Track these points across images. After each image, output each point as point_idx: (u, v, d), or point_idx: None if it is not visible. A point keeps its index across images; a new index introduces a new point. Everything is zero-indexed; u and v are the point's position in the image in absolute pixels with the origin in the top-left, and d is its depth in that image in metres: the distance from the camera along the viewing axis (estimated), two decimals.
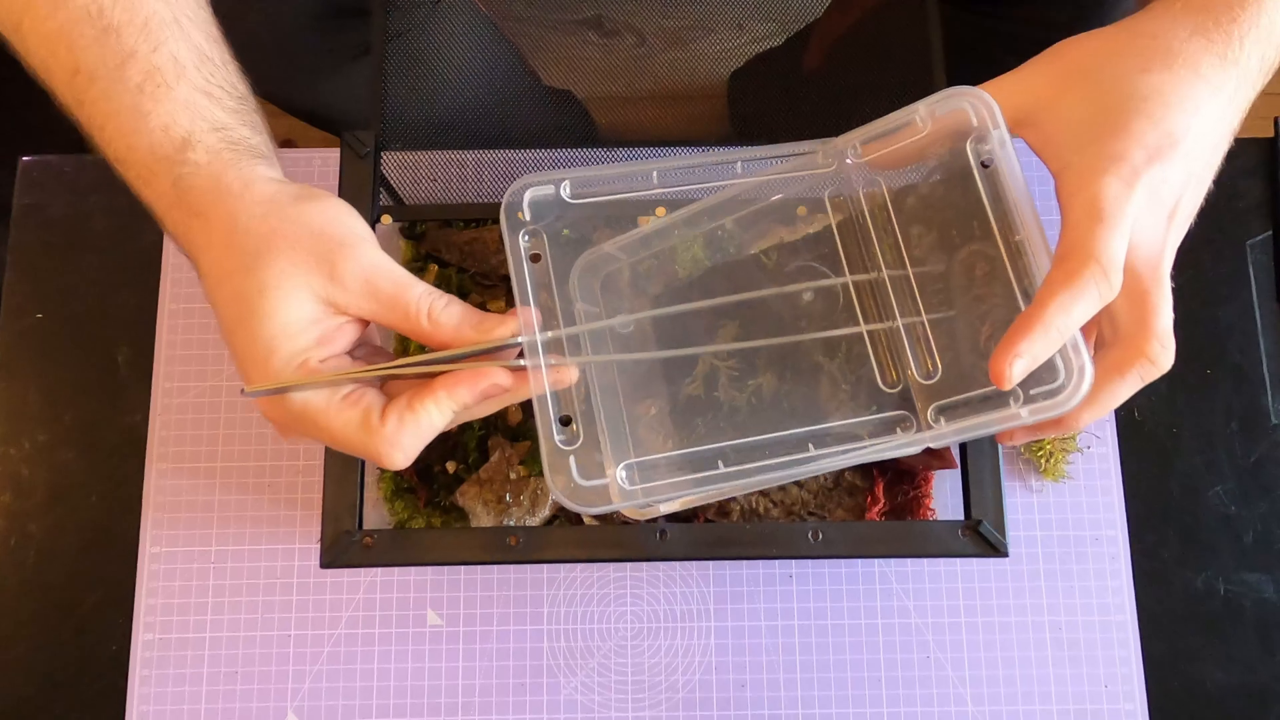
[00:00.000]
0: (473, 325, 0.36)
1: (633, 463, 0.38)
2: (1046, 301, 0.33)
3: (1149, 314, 0.35)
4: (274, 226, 0.35)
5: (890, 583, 0.55)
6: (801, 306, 0.42)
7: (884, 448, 0.37)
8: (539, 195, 0.39)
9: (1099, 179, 0.34)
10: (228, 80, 0.38)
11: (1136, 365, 0.35)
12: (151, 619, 0.55)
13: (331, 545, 0.40)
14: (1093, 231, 0.33)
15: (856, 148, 0.40)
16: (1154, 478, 0.57)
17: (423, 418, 0.35)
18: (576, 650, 0.55)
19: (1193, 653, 0.54)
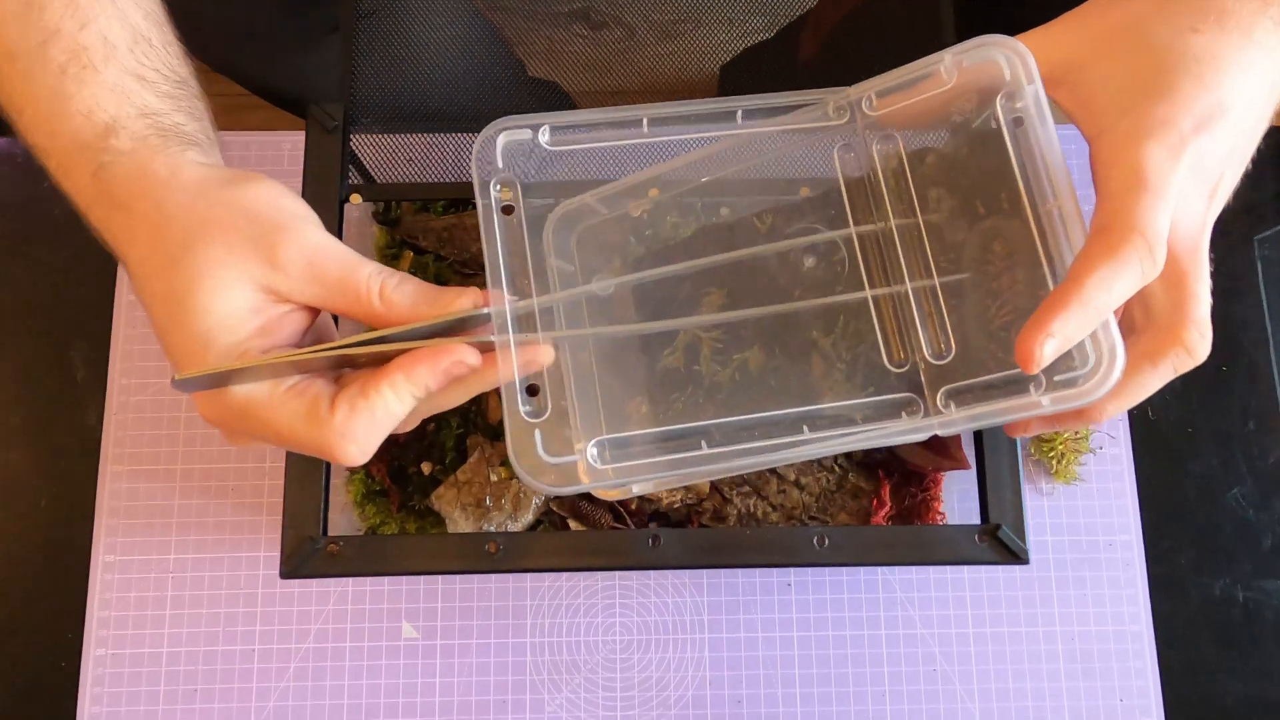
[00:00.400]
0: (429, 300, 0.33)
1: (605, 439, 0.34)
2: (1084, 276, 0.30)
3: (1187, 298, 0.32)
4: (204, 212, 0.32)
5: (894, 591, 0.52)
6: (801, 273, 0.38)
7: (887, 433, 0.34)
8: (514, 140, 0.36)
9: (1143, 145, 0.31)
10: (165, 63, 0.35)
11: (1171, 354, 0.32)
12: (104, 633, 0.51)
13: (293, 553, 0.37)
14: (1136, 201, 0.30)
15: (871, 99, 0.37)
16: (1169, 480, 0.55)
17: (377, 405, 0.31)
18: (562, 664, 0.51)
19: (1211, 664, 0.52)
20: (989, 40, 0.33)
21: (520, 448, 0.33)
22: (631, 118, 0.36)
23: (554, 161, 0.36)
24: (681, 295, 0.38)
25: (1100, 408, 0.34)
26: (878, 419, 0.35)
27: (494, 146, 0.35)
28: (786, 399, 0.37)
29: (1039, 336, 0.29)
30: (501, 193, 0.35)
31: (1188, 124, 0.31)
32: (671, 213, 0.41)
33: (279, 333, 0.33)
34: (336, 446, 0.31)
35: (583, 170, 0.38)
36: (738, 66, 0.64)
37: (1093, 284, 0.29)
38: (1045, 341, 0.29)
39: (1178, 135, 0.31)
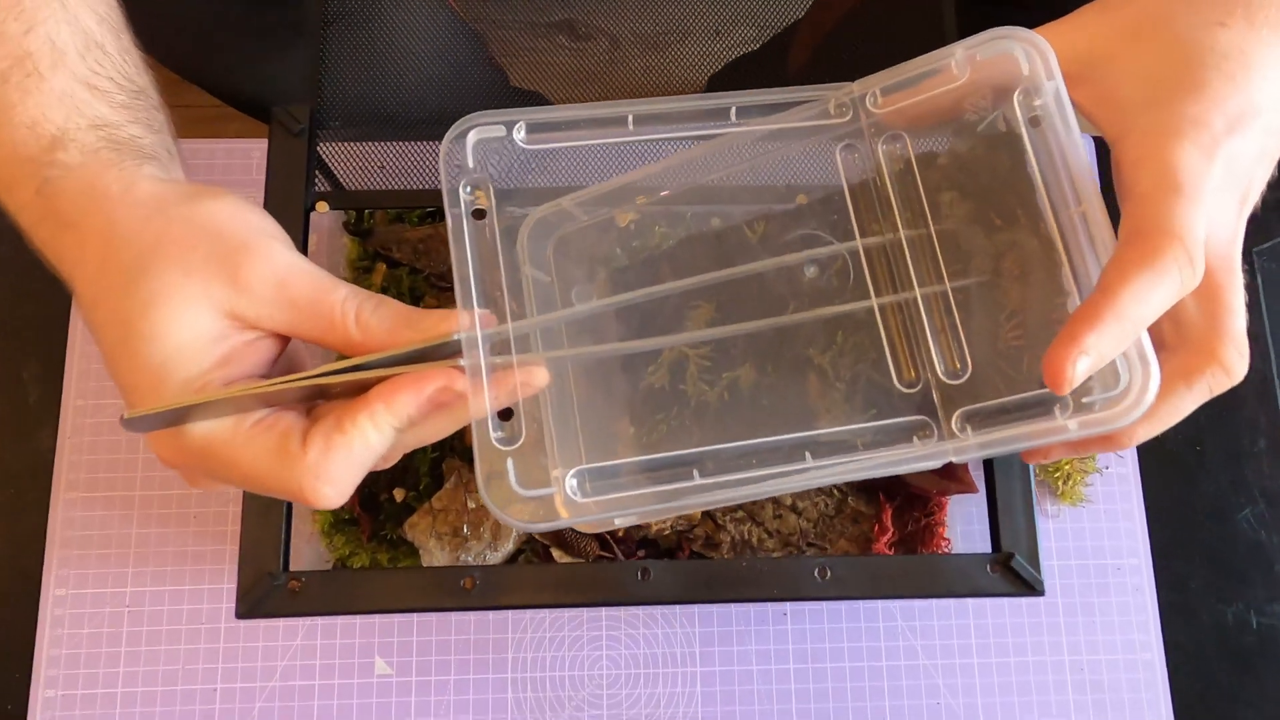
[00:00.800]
0: (410, 324, 0.30)
1: (586, 469, 0.31)
2: (1117, 286, 0.27)
3: (1222, 312, 0.30)
4: (161, 231, 0.29)
5: (895, 619, 0.50)
6: (799, 285, 0.35)
7: (897, 459, 0.31)
8: (486, 137, 0.33)
9: (1175, 144, 0.29)
10: (120, 71, 0.32)
11: (1207, 373, 0.30)
12: (54, 672, 0.48)
13: (249, 590, 0.34)
14: (1171, 205, 0.28)
15: (876, 96, 0.34)
16: (1178, 501, 0.53)
17: (355, 439, 0.28)
18: (545, 701, 0.48)
19: (1225, 691, 0.50)
20: (1005, 33, 0.31)
21: (491, 479, 0.30)
22: (616, 115, 0.33)
23: (531, 162, 0.34)
24: (668, 308, 0.35)
25: (1131, 432, 0.31)
26: (886, 444, 0.32)
27: (464, 145, 0.32)
28: (780, 421, 0.34)
29: (1070, 353, 0.27)
30: (473, 195, 0.32)
31: (1220, 124, 0.29)
32: (660, 222, 0.38)
33: (244, 362, 0.30)
34: (309, 488, 0.28)
35: (562, 171, 0.35)
36: (726, 78, 0.62)
37: (1128, 294, 0.27)
38: (1078, 359, 0.27)
39: (1210, 136, 0.29)
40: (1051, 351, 0.27)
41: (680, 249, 0.36)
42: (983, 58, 0.32)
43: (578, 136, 0.33)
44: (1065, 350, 0.27)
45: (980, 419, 0.31)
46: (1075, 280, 0.30)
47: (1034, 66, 0.31)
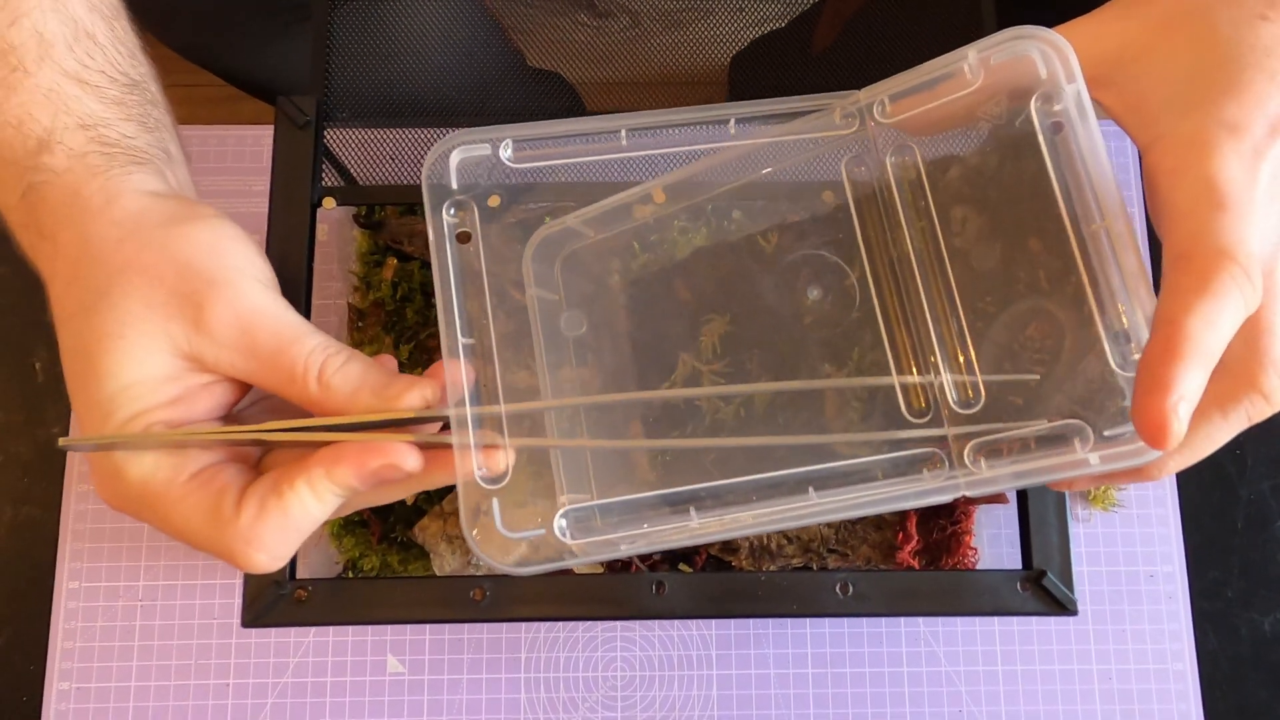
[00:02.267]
0: (375, 390, 0.28)
1: (577, 509, 0.30)
2: (1184, 318, 0.25)
3: (1262, 335, 0.27)
4: (132, 255, 0.28)
5: (917, 626, 0.49)
6: (805, 306, 0.34)
7: (906, 494, 0.29)
8: (471, 157, 0.31)
9: (1213, 154, 0.26)
10: (113, 63, 0.31)
11: (1245, 401, 0.28)
12: (68, 665, 0.48)
13: (255, 599, 0.33)
14: (1218, 222, 0.25)
15: (884, 104, 0.32)
16: (1216, 506, 0.51)
17: (293, 505, 0.27)
18: (559, 702, 0.48)
19: (1261, 707, 0.48)
20: (1021, 33, 0.29)
21: (475, 521, 0.28)
22: (608, 128, 0.32)
23: (520, 180, 0.32)
24: (681, 324, 0.34)
25: (1161, 464, 0.29)
26: (894, 476, 0.30)
27: (447, 166, 0.31)
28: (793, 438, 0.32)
29: (1168, 400, 0.25)
30: (457, 218, 0.31)
31: (1261, 128, 0.27)
32: (681, 217, 0.37)
33: (197, 405, 0.28)
34: (240, 554, 0.27)
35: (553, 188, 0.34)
36: (749, 57, 0.60)
37: (1197, 325, 0.25)
38: (1178, 405, 0.25)
39: (1251, 142, 0.26)
40: (1143, 403, 0.25)
41: (693, 261, 0.35)
42: (997, 61, 0.29)
43: (569, 154, 0.32)
44: (1161, 398, 0.25)
45: (995, 451, 0.29)
46: (1096, 303, 0.28)
47: (1052, 69, 0.28)
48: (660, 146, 0.33)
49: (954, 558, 0.43)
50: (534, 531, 0.29)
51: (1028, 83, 0.29)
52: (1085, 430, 0.27)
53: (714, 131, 0.33)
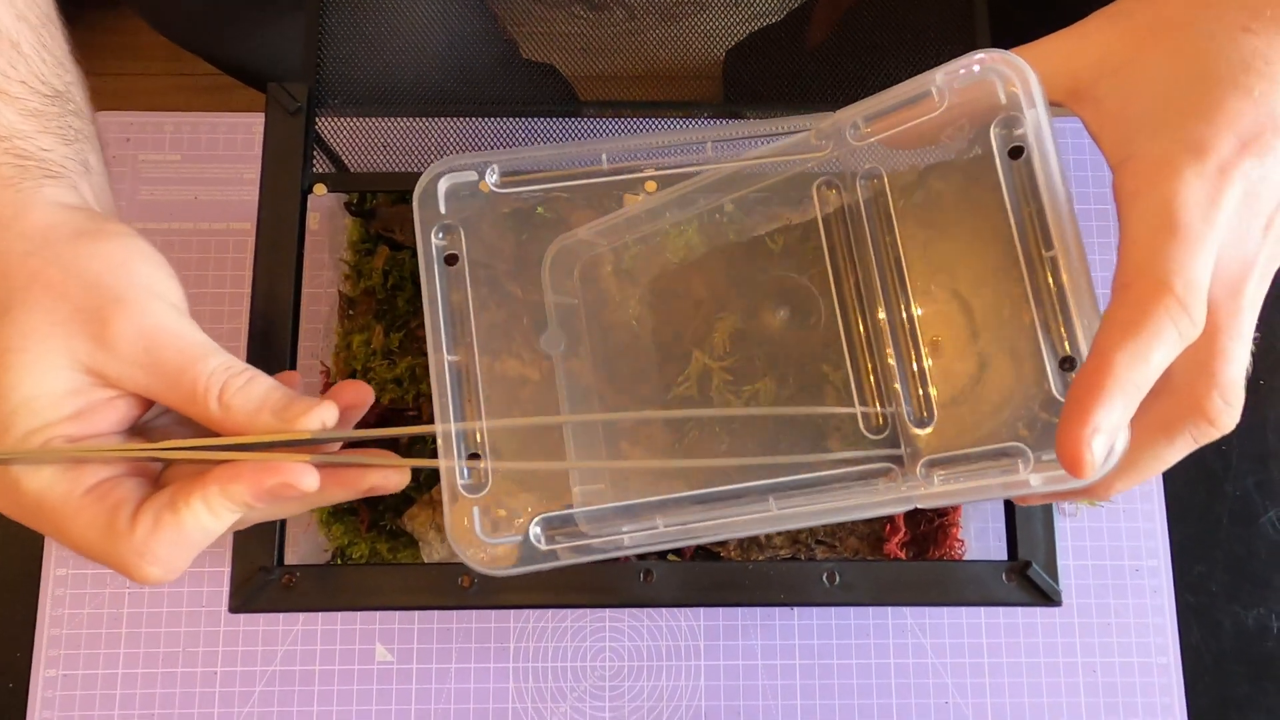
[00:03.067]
0: (275, 412, 0.28)
1: (553, 515, 0.31)
2: (1111, 352, 0.25)
3: (1213, 357, 0.26)
4: (37, 270, 0.27)
5: (905, 618, 0.49)
6: (775, 328, 0.35)
7: (862, 505, 0.30)
8: (457, 183, 0.33)
9: (1175, 176, 0.25)
10: (36, 73, 0.30)
11: (1188, 425, 0.27)
12: (55, 653, 0.48)
13: (242, 585, 0.33)
14: (1164, 249, 0.25)
15: (858, 126, 0.32)
16: (1201, 502, 0.51)
17: (187, 521, 0.27)
18: (547, 692, 0.48)
19: (1243, 700, 0.49)
20: (983, 57, 0.29)
21: (457, 525, 0.30)
22: (590, 153, 0.33)
23: (505, 203, 0.34)
24: (698, 319, 0.35)
25: (1106, 485, 0.29)
26: (851, 488, 0.31)
27: (435, 193, 0.33)
28: (797, 435, 0.33)
29: (1083, 434, 0.24)
30: (445, 240, 0.32)
31: (1229, 146, 0.26)
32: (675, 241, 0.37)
33: (99, 420, 0.28)
34: (134, 567, 0.27)
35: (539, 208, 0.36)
36: (744, 52, 0.60)
37: (1123, 361, 0.25)
38: (1092, 440, 0.24)
39: (1217, 161, 0.26)
40: (1062, 434, 0.25)
41: (709, 260, 0.36)
42: (961, 84, 0.29)
43: (551, 178, 0.34)
44: (1076, 431, 0.24)
45: (945, 468, 0.30)
46: (1044, 330, 0.28)
47: (1012, 94, 0.28)
48: (638, 170, 0.35)
49: (941, 550, 0.43)
50: (512, 537, 0.30)
51: (989, 107, 0.29)
52: (1026, 453, 0.28)
53: (691, 153, 0.34)
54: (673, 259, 0.37)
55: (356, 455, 0.30)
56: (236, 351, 0.51)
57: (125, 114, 0.54)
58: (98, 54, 0.99)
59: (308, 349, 0.50)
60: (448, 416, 0.30)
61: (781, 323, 0.35)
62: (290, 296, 0.36)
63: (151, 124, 0.54)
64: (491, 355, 0.39)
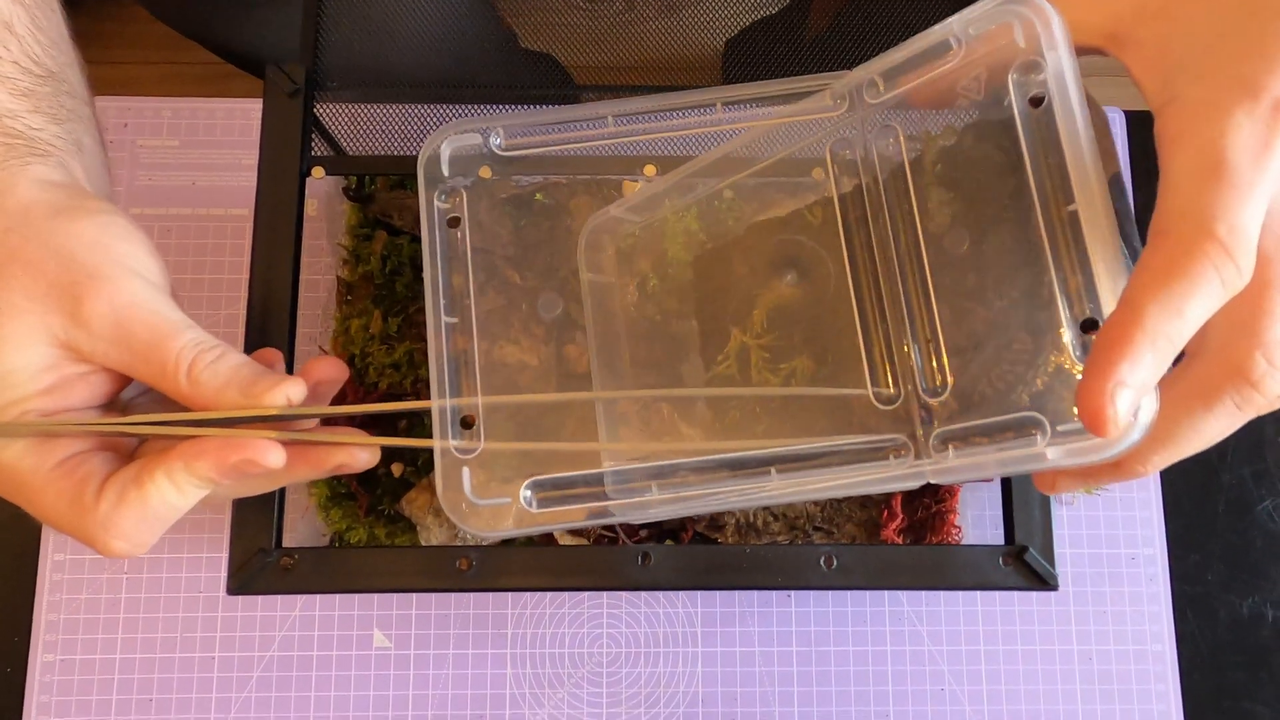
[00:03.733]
0: (242, 388, 0.29)
1: (542, 479, 0.31)
2: (1143, 300, 0.23)
3: (1259, 315, 0.24)
4: (16, 247, 0.28)
5: (901, 604, 0.49)
6: (783, 291, 0.34)
7: (872, 479, 0.29)
8: (462, 146, 0.33)
9: (1223, 116, 0.23)
10: (29, 53, 0.31)
11: (1229, 391, 0.25)
12: (52, 637, 0.48)
13: (241, 567, 0.33)
14: (1208, 192, 0.23)
15: (876, 83, 0.31)
16: (1197, 491, 0.51)
17: (152, 496, 0.27)
18: (544, 678, 0.48)
19: (1238, 688, 0.49)
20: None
21: (448, 486, 0.30)
22: (596, 115, 0.32)
23: (512, 166, 0.33)
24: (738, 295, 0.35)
25: (1142, 459, 0.27)
26: (860, 461, 0.30)
27: (439, 155, 0.32)
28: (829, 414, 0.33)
29: (1105, 388, 0.23)
30: (448, 203, 0.32)
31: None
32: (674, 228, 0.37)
33: (72, 395, 0.29)
34: (99, 540, 0.28)
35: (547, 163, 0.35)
36: (743, 42, 0.60)
37: (1157, 310, 0.23)
38: (1115, 394, 0.23)
39: (1271, 100, 0.23)
40: (1083, 388, 0.23)
41: (750, 236, 0.35)
42: (978, 31, 0.28)
43: (556, 140, 0.33)
44: (1098, 385, 0.23)
45: (960, 440, 0.29)
46: (1063, 293, 0.26)
47: (1031, 36, 0.26)
48: (647, 132, 0.34)
49: (938, 536, 0.43)
50: (501, 500, 0.30)
51: (1008, 53, 0.27)
52: (1043, 423, 0.26)
53: (701, 115, 0.33)
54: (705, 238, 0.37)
55: (324, 434, 0.30)
56: (235, 337, 0.51)
57: (123, 99, 0.54)
58: (97, 42, 0.98)
59: (306, 334, 0.50)
60: (443, 387, 0.30)
61: (797, 293, 0.34)
62: (288, 280, 0.36)
63: (150, 109, 0.54)
64: (490, 340, 0.39)
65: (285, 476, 0.30)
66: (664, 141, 0.35)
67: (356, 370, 0.46)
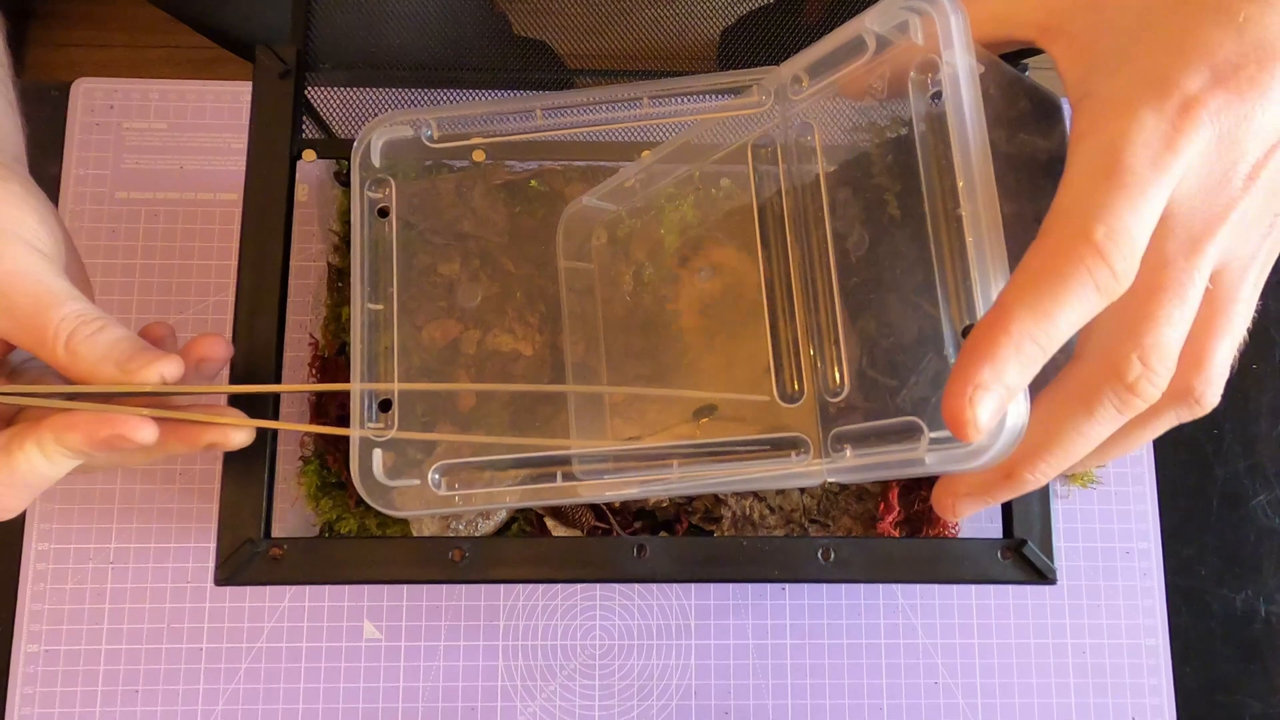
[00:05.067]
0: (119, 362, 0.29)
1: (450, 463, 0.32)
2: (1012, 303, 0.22)
3: (1143, 318, 0.23)
4: None
5: (895, 598, 0.49)
6: (697, 292, 0.34)
7: (774, 475, 0.29)
8: (393, 138, 0.33)
9: (1128, 114, 0.22)
10: None
11: (1108, 393, 0.23)
12: (37, 627, 0.47)
13: (230, 557, 0.32)
14: (1094, 193, 0.22)
15: (801, 79, 0.30)
16: (1192, 485, 0.51)
17: (20, 463, 0.27)
18: (536, 670, 0.48)
19: (1230, 681, 0.49)
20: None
21: (361, 467, 0.31)
22: (524, 108, 0.33)
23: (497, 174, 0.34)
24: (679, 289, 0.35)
25: (1029, 467, 0.25)
26: (763, 457, 0.30)
27: (370, 146, 0.33)
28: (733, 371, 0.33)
29: (965, 391, 0.22)
30: (379, 194, 0.33)
31: (1198, 81, 0.22)
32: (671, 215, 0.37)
33: None
34: None
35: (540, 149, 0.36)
36: (739, 31, 0.59)
37: (1024, 314, 0.21)
38: (975, 398, 0.22)
39: (1180, 98, 0.22)
40: (947, 390, 0.22)
41: (728, 220, 0.35)
42: (881, 28, 0.27)
43: (484, 133, 0.34)
44: (958, 388, 0.22)
45: (855, 441, 0.28)
46: (944, 295, 0.26)
47: (930, 34, 0.25)
48: (575, 124, 0.34)
49: (935, 529, 0.43)
50: (411, 481, 0.31)
51: (911, 51, 0.26)
52: (922, 428, 0.26)
53: (629, 109, 0.34)
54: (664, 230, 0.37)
55: (199, 412, 0.31)
56: (223, 325, 0.50)
57: (109, 80, 0.53)
58: (86, 24, 0.97)
59: (296, 322, 0.49)
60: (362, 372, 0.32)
61: (715, 289, 0.34)
62: (278, 266, 0.35)
63: (137, 91, 0.53)
64: (484, 329, 0.39)
65: (158, 451, 0.31)
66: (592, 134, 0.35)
67: (348, 358, 0.45)
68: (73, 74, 0.53)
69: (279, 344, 0.35)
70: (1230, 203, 0.23)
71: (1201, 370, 0.25)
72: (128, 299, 0.50)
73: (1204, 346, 0.25)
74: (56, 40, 0.93)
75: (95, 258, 0.51)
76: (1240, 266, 0.24)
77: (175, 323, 0.50)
